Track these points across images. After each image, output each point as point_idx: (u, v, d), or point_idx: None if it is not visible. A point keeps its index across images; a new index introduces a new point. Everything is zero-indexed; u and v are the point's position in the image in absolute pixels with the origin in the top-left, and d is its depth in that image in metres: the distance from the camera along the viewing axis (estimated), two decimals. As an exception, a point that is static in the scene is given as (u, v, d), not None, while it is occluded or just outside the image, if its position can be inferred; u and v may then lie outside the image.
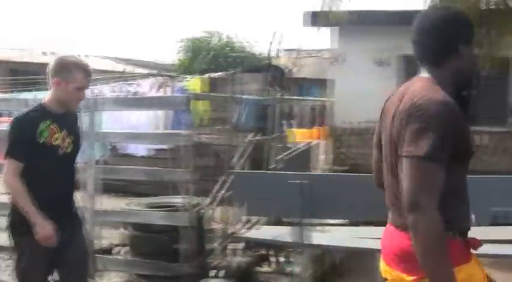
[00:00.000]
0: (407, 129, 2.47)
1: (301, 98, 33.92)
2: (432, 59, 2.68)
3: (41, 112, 3.82)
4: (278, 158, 8.57)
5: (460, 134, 2.48)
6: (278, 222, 6.33)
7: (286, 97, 21.04)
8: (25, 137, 3.72)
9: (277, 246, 6.26)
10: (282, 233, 5.49)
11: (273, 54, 20.79)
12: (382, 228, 3.07)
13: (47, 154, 3.78)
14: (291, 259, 6.18)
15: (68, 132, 3.89)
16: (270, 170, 8.81)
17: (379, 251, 2.82)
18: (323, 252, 5.57)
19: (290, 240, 5.09)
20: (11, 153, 3.72)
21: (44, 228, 3.64)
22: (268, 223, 6.36)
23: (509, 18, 10.44)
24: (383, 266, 2.78)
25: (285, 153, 9.39)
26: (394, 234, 2.68)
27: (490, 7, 10.49)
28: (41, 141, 3.74)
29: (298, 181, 4.75)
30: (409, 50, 10.34)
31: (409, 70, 13.13)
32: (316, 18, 10.28)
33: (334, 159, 14.12)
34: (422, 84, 2.60)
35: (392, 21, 13.19)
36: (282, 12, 78.05)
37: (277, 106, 13.19)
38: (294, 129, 25.86)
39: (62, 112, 3.88)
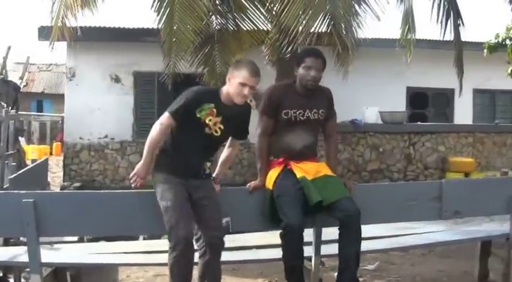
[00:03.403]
0: None
1: (38, 113, 32.90)
2: None
3: (213, 96, 4.69)
4: (12, 176, 8.27)
5: None
6: (7, 243, 6.18)
7: (21, 113, 20.26)
8: (187, 105, 4.58)
9: (15, 268, 6.08)
10: (17, 254, 5.37)
11: (7, 68, 19.89)
12: (116, 243, 3.48)
13: (197, 127, 4.61)
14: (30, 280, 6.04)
15: (222, 120, 4.64)
16: (3, 189, 8.49)
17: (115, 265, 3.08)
18: (55, 270, 5.52)
19: (25, 261, 4.98)
20: (169, 110, 4.61)
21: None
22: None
23: (237, 38, 11.16)
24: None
25: (20, 172, 9.06)
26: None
27: (221, 28, 11.09)
28: (197, 116, 4.58)
29: (31, 200, 4.68)
30: (142, 66, 10.72)
31: (142, 86, 13.44)
32: (48, 33, 10.08)
33: (65, 176, 13.82)
34: None
35: (126, 38, 13.38)
36: (13, 24, 74.83)
37: (10, 122, 12.70)
38: (33, 146, 25.03)
39: (228, 103, 4.66)
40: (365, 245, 5.67)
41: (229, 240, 5.71)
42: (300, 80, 5.03)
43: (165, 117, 4.61)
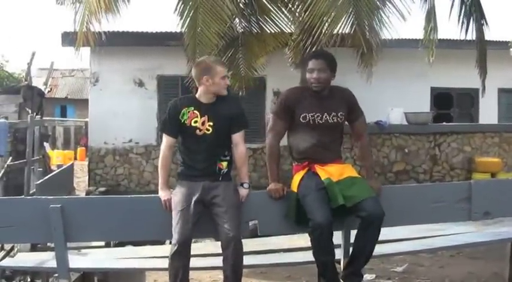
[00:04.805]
0: None
1: (63, 119, 33.14)
2: None
3: (190, 100, 4.97)
4: (39, 182, 8.32)
5: None
6: (35, 248, 6.22)
7: (46, 118, 20.40)
8: (170, 117, 4.94)
9: (43, 273, 6.11)
10: (45, 259, 5.39)
11: (31, 74, 20.00)
12: (143, 247, 3.44)
13: (188, 132, 4.88)
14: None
15: (209, 118, 4.84)
16: (30, 195, 8.53)
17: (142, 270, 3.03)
18: (83, 275, 5.54)
19: (53, 266, 4.99)
20: (160, 129, 5.02)
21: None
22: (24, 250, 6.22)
23: (261, 40, 11.14)
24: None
25: (46, 177, 9.12)
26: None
27: (245, 31, 11.08)
28: (183, 122, 4.87)
29: (58, 205, 4.69)
30: (166, 70, 10.71)
31: (166, 90, 13.45)
32: (72, 39, 10.13)
33: (90, 180, 13.85)
34: None
35: (149, 42, 13.40)
36: (37, 31, 75.53)
37: (36, 128, 12.77)
38: (57, 151, 25.22)
39: (207, 102, 4.90)
40: (393, 247, 5.63)
41: (257, 243, 5.71)
42: (308, 83, 5.05)
43: (163, 137, 5.04)
